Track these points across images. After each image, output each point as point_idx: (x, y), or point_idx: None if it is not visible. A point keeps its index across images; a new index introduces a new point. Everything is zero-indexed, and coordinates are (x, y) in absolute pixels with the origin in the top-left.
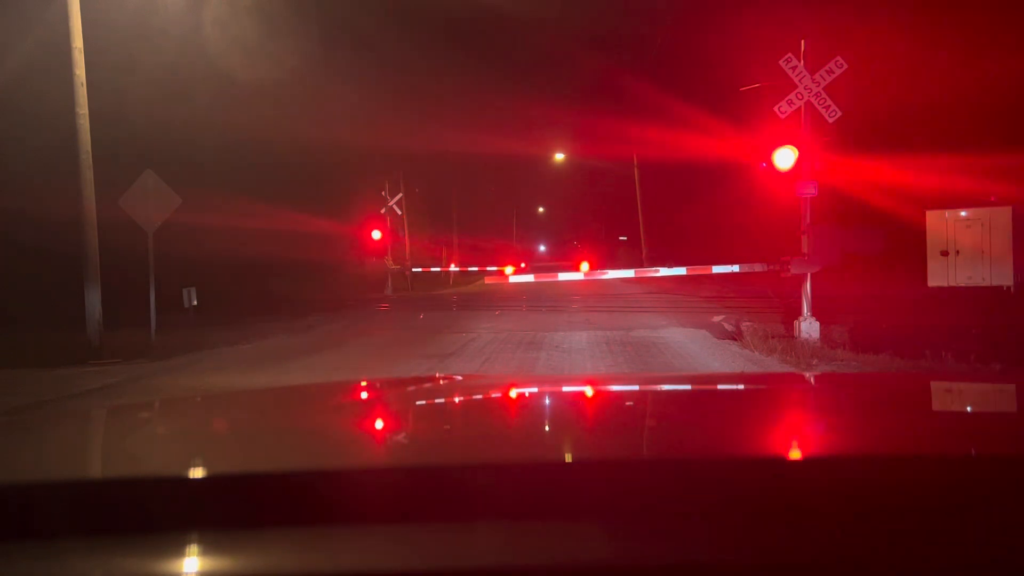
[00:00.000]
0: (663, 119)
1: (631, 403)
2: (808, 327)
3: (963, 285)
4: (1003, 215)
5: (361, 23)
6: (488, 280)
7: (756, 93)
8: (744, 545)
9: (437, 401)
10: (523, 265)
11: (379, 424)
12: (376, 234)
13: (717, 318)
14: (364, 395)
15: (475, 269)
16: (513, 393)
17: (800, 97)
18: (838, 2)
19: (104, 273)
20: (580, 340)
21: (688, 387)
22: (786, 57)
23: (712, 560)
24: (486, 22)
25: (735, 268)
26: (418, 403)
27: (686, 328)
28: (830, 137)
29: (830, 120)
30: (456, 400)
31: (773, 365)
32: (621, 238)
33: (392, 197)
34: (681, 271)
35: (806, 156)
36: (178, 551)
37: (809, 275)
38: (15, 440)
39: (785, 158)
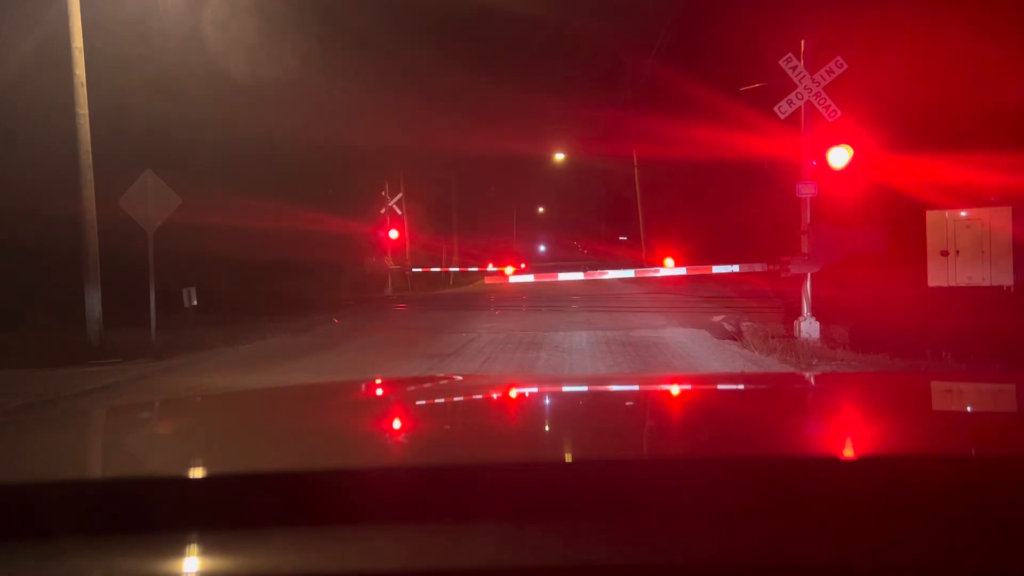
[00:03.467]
0: (663, 119)
1: (631, 403)
2: (808, 327)
3: (963, 285)
4: (1003, 215)
5: (360, 22)
6: (488, 280)
7: (760, 91)
8: (744, 545)
9: (437, 401)
10: (523, 265)
11: (379, 424)
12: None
13: (717, 318)
14: (364, 395)
15: (475, 269)
16: (513, 393)
17: (800, 97)
18: (838, 2)
19: (104, 273)
20: (580, 340)
21: (688, 387)
22: (786, 57)
23: (712, 560)
24: (487, 22)
25: (735, 268)
26: (418, 403)
27: (686, 328)
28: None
29: (830, 120)
30: (456, 400)
31: (773, 365)
32: (621, 238)
33: (392, 197)
34: (681, 271)
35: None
36: (178, 551)
37: (809, 275)
38: (15, 440)
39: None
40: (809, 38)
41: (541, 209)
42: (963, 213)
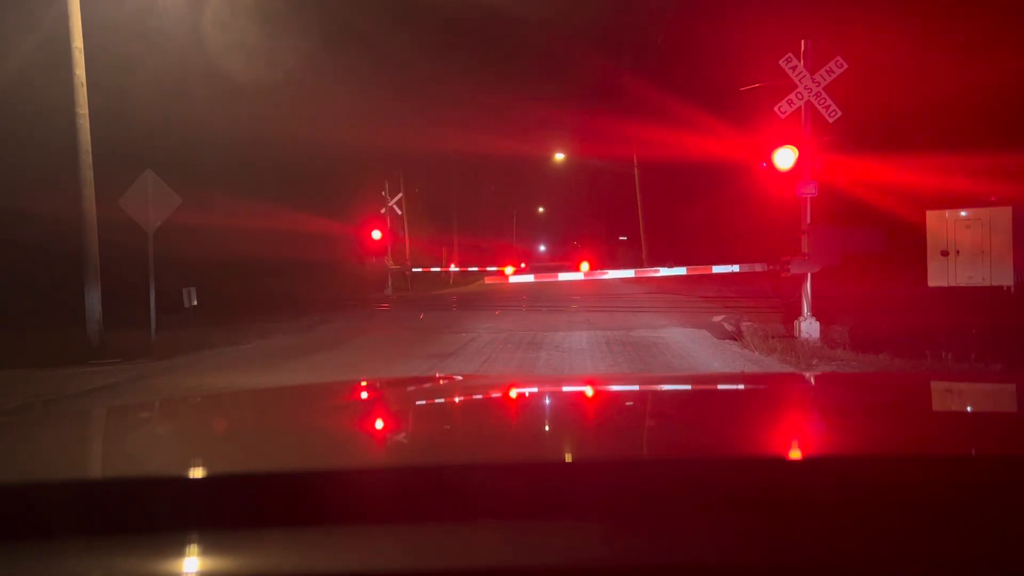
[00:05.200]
0: (663, 119)
1: (631, 403)
2: (808, 327)
3: (963, 285)
4: (1003, 215)
5: (361, 23)
6: (488, 280)
7: (757, 93)
8: (744, 545)
9: (437, 401)
10: (523, 265)
11: (379, 424)
12: (376, 234)
13: (717, 318)
14: (364, 395)
15: (475, 269)
16: (513, 393)
17: (800, 97)
18: (839, 2)
19: (104, 273)
20: (580, 340)
21: (688, 387)
22: (786, 57)
23: (712, 560)
24: (486, 22)
25: (735, 268)
26: (418, 403)
27: (686, 328)
28: (830, 137)
29: (830, 120)
30: (456, 400)
31: (773, 365)
32: (621, 238)
33: (392, 197)
34: (681, 271)
35: (806, 156)
36: (178, 551)
37: (809, 275)
38: (15, 440)
39: (785, 158)
40: (809, 38)
41: (541, 209)
42: (963, 213)
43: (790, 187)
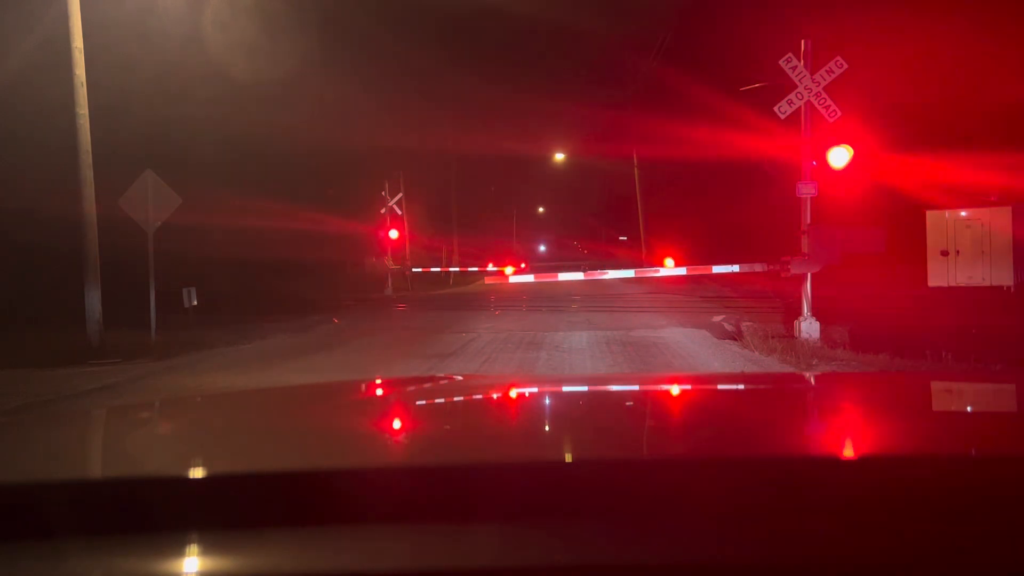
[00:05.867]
0: (663, 119)
1: (631, 403)
2: (808, 327)
3: (963, 285)
4: (1003, 215)
5: (361, 23)
6: (488, 280)
7: (760, 91)
8: (744, 545)
9: (437, 401)
10: (523, 265)
11: (379, 424)
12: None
13: (717, 318)
14: (364, 395)
15: (475, 269)
16: (513, 393)
17: (800, 97)
18: (841, 2)
19: (104, 273)
20: (580, 340)
21: (688, 387)
22: (786, 57)
23: (712, 560)
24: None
25: (735, 268)
26: (418, 403)
27: (686, 328)
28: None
29: (830, 120)
30: (456, 400)
31: (773, 365)
32: (621, 238)
33: (392, 197)
34: (681, 271)
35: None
36: (178, 551)
37: (809, 275)
38: (15, 440)
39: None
40: (809, 38)
41: (541, 209)
42: (963, 213)
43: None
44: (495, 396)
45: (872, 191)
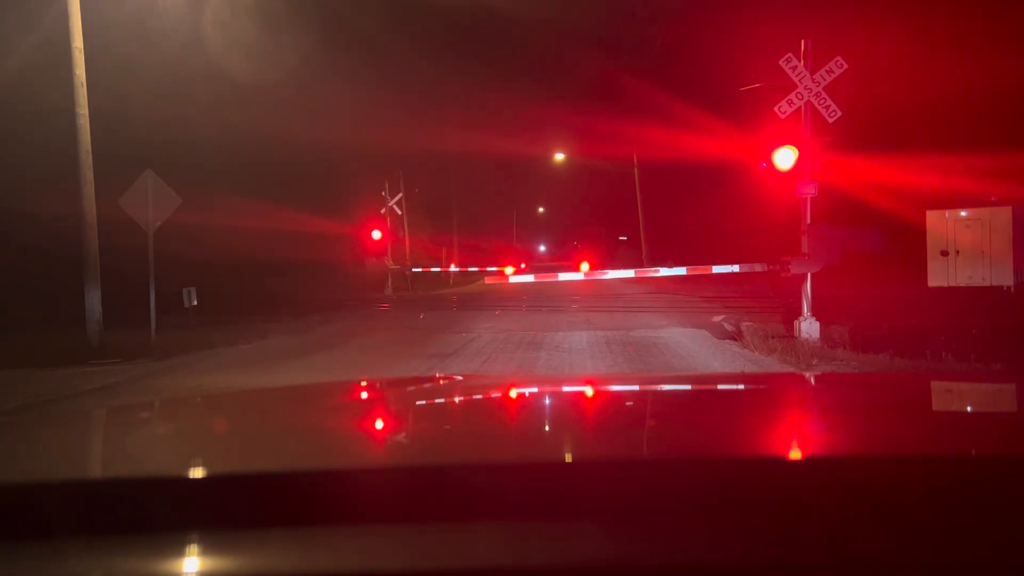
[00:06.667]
0: (663, 119)
1: (631, 403)
2: (808, 327)
3: (963, 285)
4: (1003, 215)
5: (361, 23)
6: (488, 280)
7: (757, 92)
8: (744, 545)
9: (437, 401)
10: (523, 265)
11: (379, 424)
12: (376, 234)
13: (717, 318)
14: (364, 395)
15: (475, 269)
16: (513, 393)
17: (800, 97)
18: (839, 2)
19: (104, 273)
20: (580, 340)
21: (688, 387)
22: (786, 57)
23: (712, 560)
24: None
25: (735, 268)
26: (418, 403)
27: (686, 328)
28: (831, 137)
29: (830, 120)
30: (456, 400)
31: (773, 365)
32: (621, 238)
33: (392, 197)
34: (681, 271)
35: (806, 156)
36: (178, 551)
37: (809, 275)
38: (15, 440)
39: (785, 158)
40: (810, 38)
41: (541, 209)
42: (963, 213)
43: (790, 187)
44: (495, 396)
45: (872, 191)
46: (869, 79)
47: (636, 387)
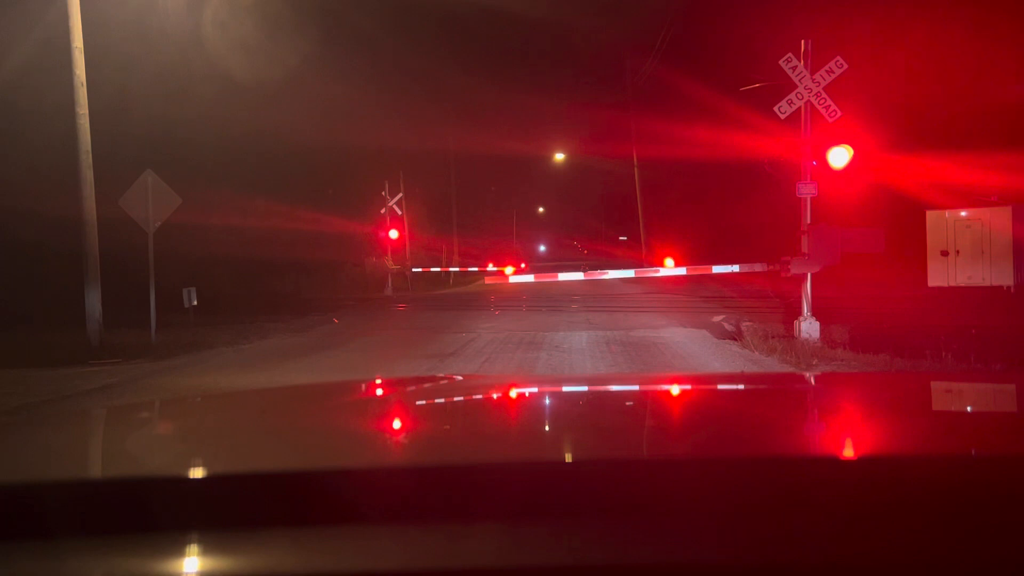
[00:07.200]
0: (663, 119)
1: (631, 403)
2: (808, 327)
3: (963, 285)
4: (1003, 215)
5: (361, 23)
6: (488, 280)
7: (761, 91)
8: (744, 545)
9: (437, 401)
10: (523, 265)
11: (379, 424)
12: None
13: (717, 318)
14: (364, 395)
15: (475, 269)
16: (513, 393)
17: (800, 97)
18: (838, 2)
19: (104, 273)
20: (580, 340)
21: (688, 387)
22: (786, 57)
23: (712, 560)
24: (487, 22)
25: (735, 268)
26: (418, 403)
27: (686, 328)
28: (830, 136)
29: (830, 120)
30: (456, 400)
31: (773, 365)
32: (621, 238)
33: (392, 197)
34: (681, 271)
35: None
36: (178, 551)
37: (809, 275)
38: (15, 440)
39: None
40: (809, 38)
41: (541, 209)
42: (963, 213)
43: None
44: (495, 396)
45: (872, 191)
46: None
47: (636, 387)
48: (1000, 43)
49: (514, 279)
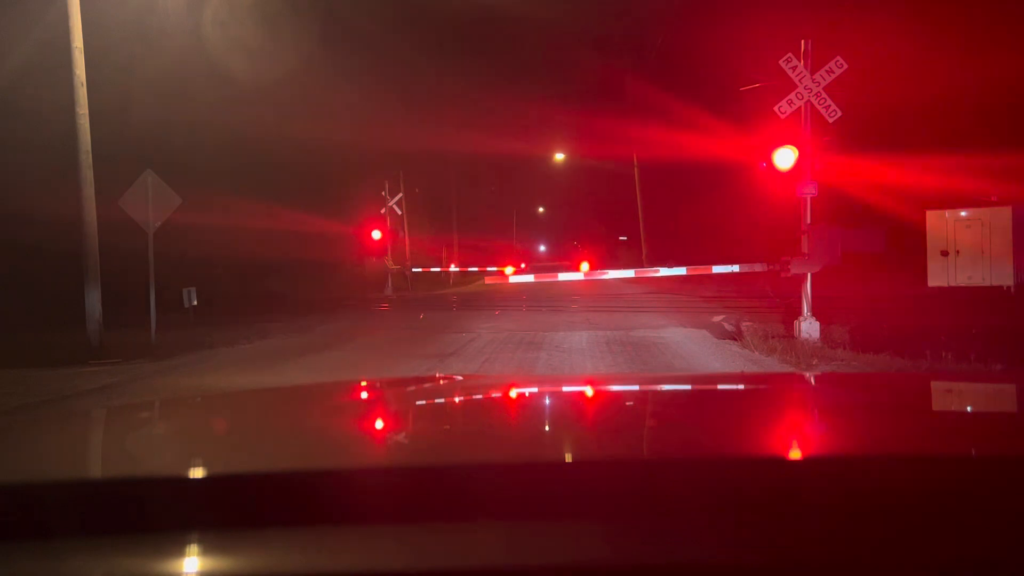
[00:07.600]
0: (663, 119)
1: (631, 403)
2: (808, 327)
3: (963, 285)
4: (1003, 215)
5: (361, 23)
6: (488, 280)
7: (757, 92)
8: (744, 545)
9: (437, 401)
10: (523, 265)
11: (379, 424)
12: (376, 234)
13: (717, 318)
14: (364, 395)
15: (475, 269)
16: (513, 393)
17: (800, 97)
18: (839, 2)
19: (104, 273)
20: (580, 340)
21: (688, 387)
22: (786, 57)
23: (712, 560)
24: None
25: (735, 268)
26: (418, 403)
27: (686, 328)
28: (830, 137)
29: (830, 120)
30: (456, 400)
31: (773, 365)
32: (621, 238)
33: (392, 197)
34: (681, 271)
35: (806, 156)
36: (178, 551)
37: (809, 275)
38: (15, 440)
39: (785, 158)
40: (809, 37)
41: (541, 209)
42: (963, 213)
43: (790, 187)
44: (495, 396)
45: (873, 191)
46: (871, 78)
47: (636, 387)
48: (1000, 43)
49: (514, 279)
